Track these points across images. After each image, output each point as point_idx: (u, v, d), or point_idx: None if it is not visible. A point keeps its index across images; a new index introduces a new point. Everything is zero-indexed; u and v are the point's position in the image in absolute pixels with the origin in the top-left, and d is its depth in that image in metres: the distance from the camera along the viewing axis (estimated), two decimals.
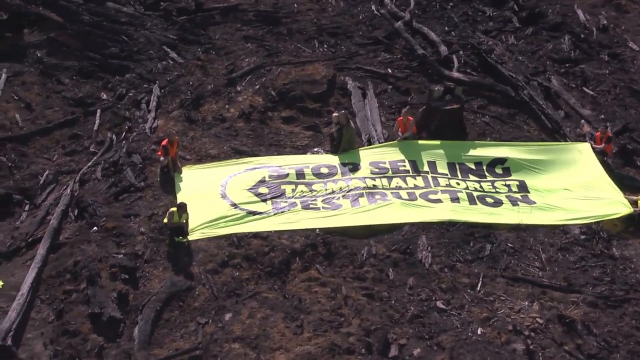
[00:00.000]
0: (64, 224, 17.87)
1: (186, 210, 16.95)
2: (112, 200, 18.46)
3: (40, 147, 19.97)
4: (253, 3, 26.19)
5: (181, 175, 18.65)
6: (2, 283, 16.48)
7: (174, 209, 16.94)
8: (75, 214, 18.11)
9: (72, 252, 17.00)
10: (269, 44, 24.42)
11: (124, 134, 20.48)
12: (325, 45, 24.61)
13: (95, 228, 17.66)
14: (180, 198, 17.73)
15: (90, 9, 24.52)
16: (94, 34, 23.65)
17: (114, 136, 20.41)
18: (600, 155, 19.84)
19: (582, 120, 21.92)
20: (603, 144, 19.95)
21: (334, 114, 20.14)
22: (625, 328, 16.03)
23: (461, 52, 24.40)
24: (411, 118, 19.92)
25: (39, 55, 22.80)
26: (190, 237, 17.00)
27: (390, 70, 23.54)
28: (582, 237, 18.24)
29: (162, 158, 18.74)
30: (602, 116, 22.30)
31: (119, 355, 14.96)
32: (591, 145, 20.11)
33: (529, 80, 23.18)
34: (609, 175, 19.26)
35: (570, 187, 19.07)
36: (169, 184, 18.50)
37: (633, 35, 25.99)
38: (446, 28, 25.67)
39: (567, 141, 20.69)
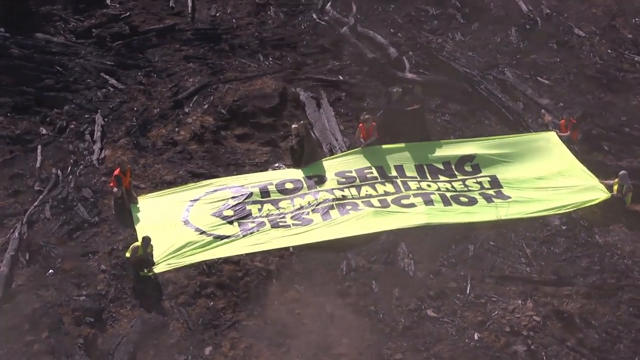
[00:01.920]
0: (15, 270, 16.69)
1: (150, 242, 16.16)
2: (66, 240, 17.51)
3: None
4: (189, 22, 25.69)
5: (138, 206, 17.90)
6: None
7: (138, 242, 16.11)
8: (27, 258, 17.01)
9: (29, 300, 15.94)
10: (212, 61, 23.94)
11: (70, 169, 19.59)
12: (270, 58, 24.24)
13: (51, 271, 16.71)
14: (140, 230, 16.97)
15: (19, 42, 23.56)
16: (26, 67, 22.70)
17: (59, 171, 19.45)
18: (567, 142, 19.69)
19: (543, 110, 21.91)
20: (569, 132, 19.85)
21: (293, 126, 19.70)
22: (624, 316, 15.96)
23: (411, 52, 24.32)
24: (374, 123, 19.56)
25: None
26: (157, 270, 16.17)
27: (341, 77, 23.33)
28: (564, 227, 18.17)
29: (115, 189, 17.90)
30: (561, 104, 22.33)
31: None
32: (557, 133, 19.98)
33: (483, 75, 23.13)
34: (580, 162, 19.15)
35: (544, 176, 18.90)
36: (126, 216, 17.67)
37: (577, 22, 26.24)
38: (391, 30, 25.53)
39: (531, 132, 20.60)
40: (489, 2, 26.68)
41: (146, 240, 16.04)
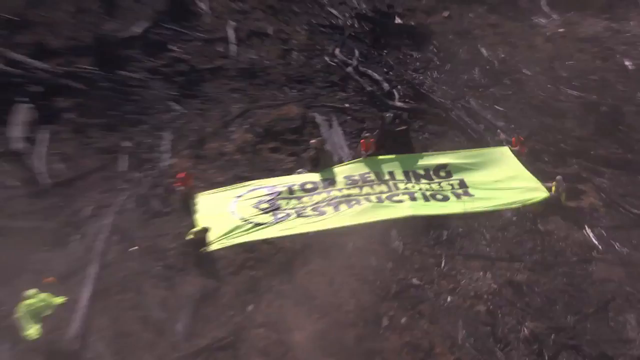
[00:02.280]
0: (108, 247, 16.95)
1: (206, 229, 16.13)
2: (144, 225, 17.75)
3: (81, 189, 19.06)
4: (234, 62, 25.74)
5: (197, 200, 17.78)
6: (64, 299, 15.55)
7: (197, 228, 16.13)
8: (117, 238, 17.25)
9: (119, 269, 16.21)
10: (251, 92, 24.02)
11: (147, 172, 19.78)
12: (294, 90, 24.32)
13: (135, 247, 16.91)
14: (199, 218, 16.86)
15: (108, 77, 23.77)
16: (112, 96, 22.93)
17: (139, 175, 19.66)
18: (517, 155, 19.54)
19: (498, 130, 21.84)
20: (518, 147, 19.82)
21: (311, 142, 19.67)
22: (560, 285, 16.07)
23: (399, 86, 24.36)
24: (372, 140, 19.54)
25: (71, 116, 21.91)
26: (212, 248, 16.03)
27: (347, 105, 23.34)
28: (514, 218, 18.30)
29: (180, 188, 17.98)
30: (512, 126, 22.36)
31: (167, 347, 14.30)
32: (510, 148, 19.83)
33: (454, 104, 23.21)
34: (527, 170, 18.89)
35: (499, 180, 18.68)
36: (188, 208, 17.53)
37: (524, 64, 26.22)
38: (384, 70, 25.62)
39: (490, 147, 20.40)
40: (458, 49, 26.73)
41: (204, 228, 16.04)
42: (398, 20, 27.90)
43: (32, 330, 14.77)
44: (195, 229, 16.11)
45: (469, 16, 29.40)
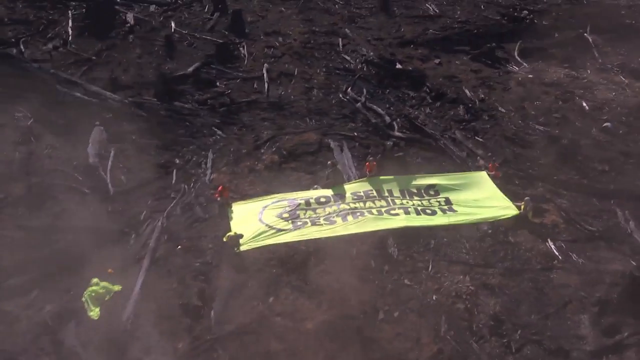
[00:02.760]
0: (159, 245, 16.70)
1: (240, 236, 15.70)
2: (188, 228, 17.46)
3: (139, 197, 18.79)
4: (265, 97, 25.02)
5: (232, 209, 17.36)
6: (121, 287, 15.22)
7: (232, 232, 15.77)
8: (165, 238, 17.00)
9: (168, 263, 16.06)
10: (278, 122, 23.44)
11: (192, 185, 19.41)
12: (313, 121, 23.66)
13: (179, 247, 16.63)
14: (233, 224, 16.46)
15: (165, 107, 23.44)
16: (168, 122, 22.62)
17: (185, 186, 19.29)
18: (493, 178, 18.87)
19: (478, 157, 21.30)
20: (494, 172, 19.27)
21: (329, 162, 19.41)
22: (526, 289, 15.64)
23: (398, 119, 23.61)
24: (375, 163, 19.04)
25: (133, 137, 21.60)
26: (242, 248, 15.73)
27: (356, 134, 22.67)
28: (489, 231, 17.78)
29: (219, 198, 17.69)
30: (490, 154, 21.62)
31: (202, 330, 13.91)
32: (487, 173, 19.19)
33: (442, 135, 22.55)
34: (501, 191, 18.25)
35: (477, 199, 18.02)
36: (225, 215, 17.22)
37: (500, 103, 25.35)
38: (387, 105, 24.84)
39: (471, 171, 19.85)
40: (447, 89, 25.90)
41: (237, 234, 15.67)
42: (399, 66, 27.28)
43: (95, 312, 14.59)
44: (229, 234, 15.78)
45: (455, 63, 28.56)
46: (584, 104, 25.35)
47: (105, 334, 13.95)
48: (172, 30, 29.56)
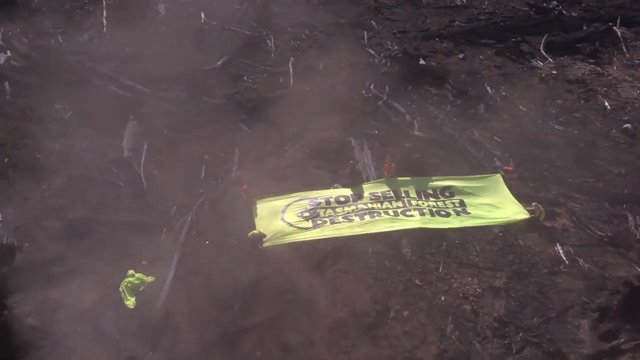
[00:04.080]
0: (188, 239, 18.03)
1: (263, 235, 16.82)
2: (216, 224, 18.54)
3: (170, 191, 19.88)
4: (291, 92, 25.43)
5: (256, 207, 18.42)
6: (154, 278, 16.67)
7: (255, 231, 16.90)
8: (194, 232, 18.27)
9: (196, 257, 17.34)
10: (302, 118, 23.62)
11: (220, 181, 20.50)
12: (336, 117, 23.85)
13: (207, 242, 17.90)
14: (257, 221, 17.57)
15: (194, 102, 24.43)
16: (196, 117, 23.51)
17: (214, 182, 20.42)
18: (508, 180, 19.43)
19: (495, 158, 21.75)
20: (510, 174, 19.80)
21: (350, 162, 20.36)
22: (530, 292, 16.39)
23: (418, 117, 24.00)
24: (393, 164, 19.75)
25: (165, 132, 22.80)
26: (265, 245, 16.96)
27: (376, 132, 23.27)
28: (500, 234, 18.42)
29: (244, 196, 18.72)
30: (507, 154, 22.01)
31: (228, 322, 15.27)
32: (502, 174, 19.68)
33: (460, 134, 22.95)
34: (513, 195, 18.87)
35: (490, 202, 18.75)
36: (250, 212, 18.22)
37: (521, 101, 25.39)
38: (408, 102, 25.03)
39: (487, 173, 20.34)
40: (468, 86, 26.07)
41: (261, 233, 16.83)
42: (422, 62, 27.67)
43: (130, 302, 16.03)
44: (253, 231, 16.88)
45: (479, 58, 28.51)
46: (606, 103, 25.31)
47: (140, 322, 15.43)
48: (202, 21, 30.52)
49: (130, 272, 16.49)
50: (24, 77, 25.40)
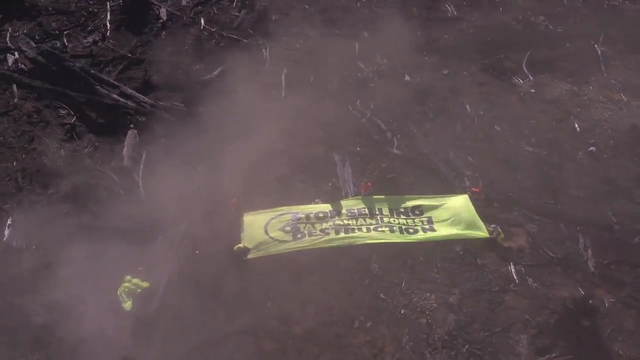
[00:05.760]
0: (180, 249, 20.19)
1: (248, 249, 18.85)
2: (207, 234, 20.42)
3: (165, 201, 21.56)
4: (281, 105, 26.93)
5: (243, 219, 20.23)
6: (149, 284, 18.83)
7: (240, 245, 18.93)
8: (187, 242, 20.42)
9: (186, 266, 19.49)
10: (291, 132, 25.09)
11: (212, 193, 22.09)
12: (322, 132, 25.30)
13: (197, 252, 19.98)
14: (243, 235, 19.51)
15: (191, 112, 26.12)
16: (193, 128, 24.94)
17: (206, 194, 22.15)
18: (475, 200, 21.08)
19: (465, 178, 23.40)
20: (477, 195, 21.51)
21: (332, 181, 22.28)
22: (480, 309, 18.38)
23: (398, 135, 25.58)
24: (370, 184, 21.53)
25: (163, 142, 24.68)
26: (250, 256, 18.96)
27: (358, 148, 24.83)
28: (460, 252, 20.31)
29: (233, 209, 20.49)
30: (477, 174, 23.66)
31: (213, 328, 17.57)
32: (469, 194, 21.40)
33: (435, 154, 24.48)
34: (478, 214, 20.59)
35: (455, 220, 20.45)
36: (237, 225, 20.03)
37: (497, 120, 26.70)
38: (390, 119, 26.45)
39: (456, 192, 22.00)
40: (449, 104, 27.45)
41: (246, 247, 18.82)
42: (407, 78, 29.09)
43: (127, 304, 18.26)
44: (239, 245, 18.85)
45: (463, 74, 29.80)
46: (576, 125, 26.71)
47: (136, 323, 17.68)
48: (202, 27, 32.26)
49: (128, 277, 18.64)
50: (31, 80, 27.33)
